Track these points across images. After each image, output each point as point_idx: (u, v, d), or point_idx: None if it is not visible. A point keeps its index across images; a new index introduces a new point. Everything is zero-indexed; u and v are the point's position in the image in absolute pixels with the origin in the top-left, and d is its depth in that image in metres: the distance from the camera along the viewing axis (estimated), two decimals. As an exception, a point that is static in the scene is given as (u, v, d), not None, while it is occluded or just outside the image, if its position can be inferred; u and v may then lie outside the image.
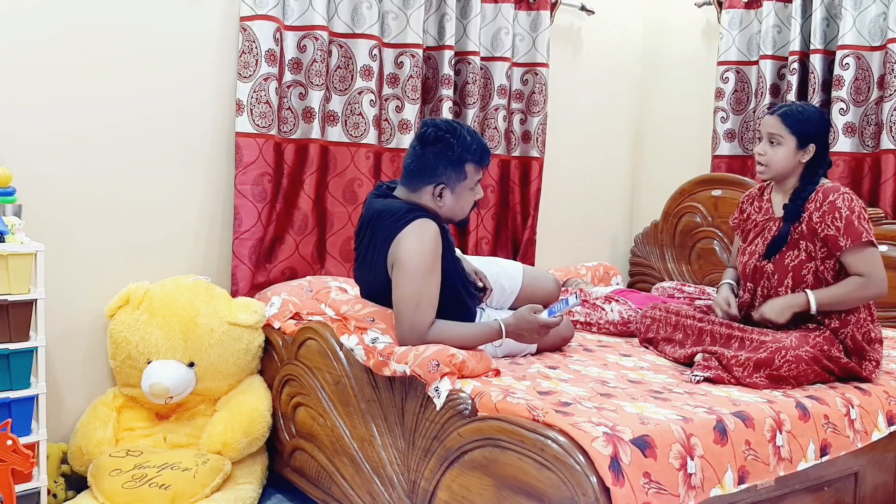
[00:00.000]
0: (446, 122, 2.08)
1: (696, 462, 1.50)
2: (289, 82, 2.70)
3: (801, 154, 2.12)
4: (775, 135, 2.12)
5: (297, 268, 2.78)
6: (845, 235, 2.02)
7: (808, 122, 2.10)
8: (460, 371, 1.79)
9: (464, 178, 2.06)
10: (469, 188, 2.09)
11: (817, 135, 2.11)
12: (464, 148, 2.03)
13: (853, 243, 2.02)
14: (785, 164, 2.12)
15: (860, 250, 2.03)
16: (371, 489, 1.96)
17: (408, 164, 2.10)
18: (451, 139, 2.03)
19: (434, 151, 2.04)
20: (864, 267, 2.02)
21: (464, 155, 2.04)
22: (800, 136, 2.10)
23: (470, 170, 2.06)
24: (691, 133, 3.63)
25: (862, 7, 2.89)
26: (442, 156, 2.03)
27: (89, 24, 2.35)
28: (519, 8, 3.31)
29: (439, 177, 2.04)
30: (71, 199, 2.36)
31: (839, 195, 2.06)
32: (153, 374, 2.22)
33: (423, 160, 2.05)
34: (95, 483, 2.11)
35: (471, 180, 2.08)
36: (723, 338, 2.12)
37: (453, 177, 2.05)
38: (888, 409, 1.97)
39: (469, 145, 2.04)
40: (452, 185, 2.06)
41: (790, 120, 2.11)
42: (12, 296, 1.93)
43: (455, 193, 2.07)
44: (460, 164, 2.04)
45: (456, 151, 2.03)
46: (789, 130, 2.10)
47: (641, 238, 3.68)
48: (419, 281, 1.93)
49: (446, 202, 2.07)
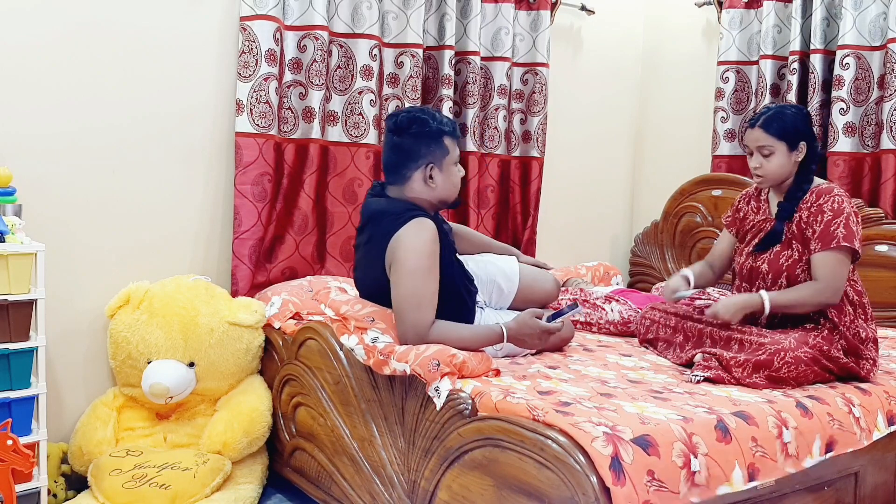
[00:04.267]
0: (410, 107, 2.12)
1: (700, 460, 1.50)
2: (289, 82, 2.70)
3: (795, 155, 2.12)
4: (764, 146, 2.11)
5: (297, 268, 2.78)
6: (818, 239, 2.04)
7: (792, 123, 2.10)
8: (460, 371, 1.79)
9: (446, 152, 2.09)
10: (453, 163, 2.12)
11: (803, 132, 2.12)
12: (437, 122, 2.08)
13: (822, 248, 2.03)
14: (782, 170, 2.12)
15: (826, 254, 2.03)
16: (371, 489, 1.96)
17: (388, 159, 2.12)
18: (423, 117, 2.07)
19: (412, 133, 2.06)
20: (822, 272, 2.02)
21: (440, 128, 2.08)
22: (788, 139, 2.10)
23: (448, 143, 2.10)
24: (691, 133, 3.63)
25: (862, 7, 2.89)
26: (420, 135, 2.06)
27: (89, 25, 2.35)
28: (519, 8, 3.31)
29: (425, 157, 2.07)
30: (71, 199, 2.36)
31: (829, 198, 2.06)
32: (153, 374, 2.22)
33: (404, 146, 2.07)
34: (95, 483, 2.11)
35: (452, 154, 2.11)
36: (722, 339, 2.12)
37: (438, 153, 2.08)
38: (888, 409, 1.97)
39: (440, 119, 2.10)
40: (439, 161, 2.08)
41: (774, 128, 2.10)
42: (12, 296, 1.93)
43: (444, 170, 2.09)
44: (439, 137, 2.08)
45: (433, 126, 2.07)
46: (776, 138, 2.10)
47: (641, 238, 3.68)
48: (418, 280, 1.93)
49: (438, 182, 2.09)
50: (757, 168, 2.14)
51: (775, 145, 2.10)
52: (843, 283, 2.03)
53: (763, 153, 2.12)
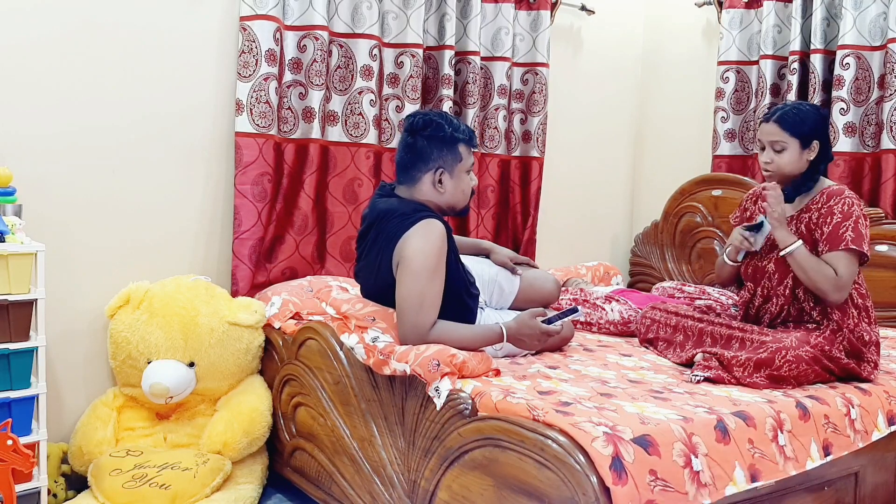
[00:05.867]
0: (430, 111, 2.10)
1: (700, 460, 1.50)
2: (289, 82, 2.70)
3: (807, 153, 2.10)
4: (777, 141, 2.09)
5: (297, 268, 2.78)
6: (826, 240, 2.04)
7: (807, 121, 2.09)
8: (461, 371, 1.79)
9: (459, 158, 2.08)
10: (465, 170, 2.11)
11: (818, 131, 2.10)
12: (454, 128, 2.07)
13: (830, 249, 2.03)
14: (793, 167, 2.11)
15: (836, 254, 2.02)
16: (371, 489, 1.96)
17: (400, 159, 2.11)
18: (440, 121, 2.06)
19: (426, 136, 2.05)
20: (840, 268, 2.01)
21: (455, 135, 2.06)
22: (801, 136, 2.09)
23: (463, 150, 2.08)
24: (691, 133, 3.63)
25: (862, 7, 2.89)
26: (434, 138, 2.05)
27: (89, 24, 2.35)
28: (519, 8, 3.31)
29: (436, 161, 2.06)
30: (71, 199, 2.36)
31: (840, 199, 2.06)
32: (153, 374, 2.22)
33: (416, 147, 2.06)
34: (95, 483, 2.11)
35: (466, 161, 2.10)
36: (723, 338, 2.12)
37: (449, 158, 2.06)
38: (888, 409, 1.97)
39: (458, 126, 2.08)
40: (450, 167, 2.07)
41: (788, 123, 2.09)
42: (12, 296, 1.93)
43: (455, 177, 2.08)
44: (453, 144, 2.06)
45: (447, 131, 2.05)
46: (790, 134, 2.08)
47: (641, 238, 3.68)
48: (424, 280, 1.93)
49: (447, 187, 2.08)
50: (767, 163, 2.13)
51: (788, 141, 2.09)
52: (850, 285, 2.03)
53: (775, 148, 2.10)
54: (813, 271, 2.01)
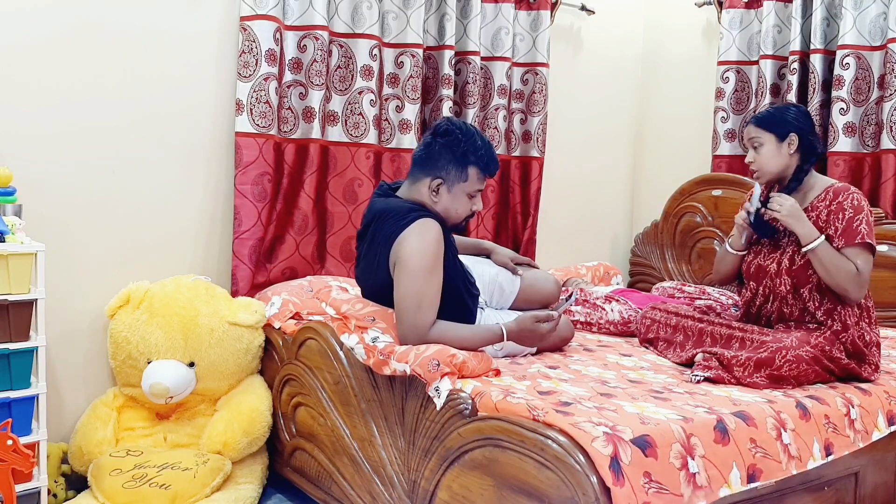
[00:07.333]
0: (463, 122, 2.08)
1: (697, 462, 1.50)
2: (289, 82, 2.70)
3: (785, 146, 2.12)
4: (754, 139, 2.15)
5: (297, 268, 2.78)
6: (842, 235, 2.03)
7: (782, 117, 2.14)
8: (461, 371, 1.79)
9: (464, 179, 2.04)
10: (468, 193, 2.06)
11: (794, 124, 2.13)
12: (470, 148, 2.02)
13: (846, 244, 2.02)
14: (773, 161, 2.14)
15: (854, 250, 2.02)
16: (371, 489, 1.96)
17: (416, 154, 2.10)
18: (459, 135, 2.03)
19: (441, 143, 2.04)
20: (860, 264, 2.02)
21: (468, 155, 2.02)
22: (776, 130, 2.13)
23: (473, 173, 2.04)
24: (691, 133, 3.63)
25: (862, 7, 2.89)
26: (447, 148, 2.03)
27: (89, 25, 2.35)
28: (519, 8, 3.31)
29: (440, 170, 2.04)
30: (71, 199, 2.36)
31: (848, 195, 2.07)
32: (153, 374, 2.22)
33: (430, 149, 2.05)
34: (96, 483, 2.11)
35: (471, 185, 2.05)
36: (723, 338, 2.12)
37: (453, 174, 2.04)
38: (888, 409, 1.97)
39: (477, 148, 2.03)
40: (451, 182, 2.04)
41: (763, 121, 2.15)
42: (12, 296, 1.93)
43: (452, 193, 2.05)
44: (463, 162, 2.03)
45: (461, 148, 2.02)
46: (764, 129, 2.14)
47: (642, 238, 3.68)
48: (421, 280, 1.93)
49: (441, 199, 2.05)
50: (751, 162, 2.18)
51: (763, 136, 2.14)
52: (869, 282, 2.04)
53: (753, 145, 2.16)
54: (836, 268, 2.01)
